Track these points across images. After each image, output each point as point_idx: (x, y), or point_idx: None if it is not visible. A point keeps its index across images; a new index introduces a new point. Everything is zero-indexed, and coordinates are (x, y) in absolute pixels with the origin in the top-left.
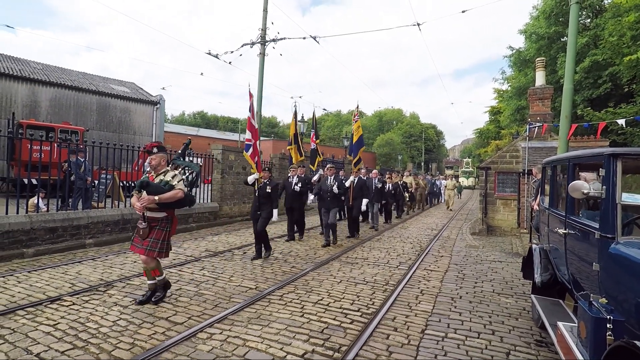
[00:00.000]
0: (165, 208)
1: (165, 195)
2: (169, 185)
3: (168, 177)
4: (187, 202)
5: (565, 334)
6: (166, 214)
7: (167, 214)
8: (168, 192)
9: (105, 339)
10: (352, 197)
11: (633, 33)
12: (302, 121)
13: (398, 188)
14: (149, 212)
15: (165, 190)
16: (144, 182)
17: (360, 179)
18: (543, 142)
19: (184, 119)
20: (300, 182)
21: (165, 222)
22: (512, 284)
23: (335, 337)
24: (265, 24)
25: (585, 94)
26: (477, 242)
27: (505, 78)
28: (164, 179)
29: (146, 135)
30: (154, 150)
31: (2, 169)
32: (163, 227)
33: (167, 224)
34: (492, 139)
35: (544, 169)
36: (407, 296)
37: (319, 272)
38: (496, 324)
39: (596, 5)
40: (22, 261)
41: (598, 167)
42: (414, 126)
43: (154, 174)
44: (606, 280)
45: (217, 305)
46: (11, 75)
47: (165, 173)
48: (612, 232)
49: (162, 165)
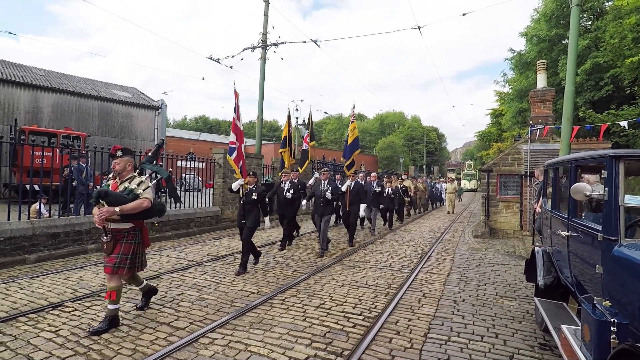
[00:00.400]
0: (131, 219)
1: (128, 206)
2: (132, 194)
3: (133, 184)
4: (155, 212)
5: (569, 337)
6: (133, 224)
7: (133, 225)
8: (131, 202)
9: (107, 345)
10: (348, 202)
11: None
12: (304, 125)
13: (398, 192)
14: (113, 224)
15: (129, 200)
16: (101, 192)
17: (357, 183)
18: (545, 144)
19: (185, 124)
20: (292, 188)
21: (133, 234)
22: (515, 286)
23: (337, 341)
24: (266, 28)
25: (587, 96)
26: (479, 244)
27: (507, 80)
28: (128, 187)
29: (148, 140)
30: (118, 153)
31: (4, 175)
32: (131, 240)
33: (134, 236)
34: (494, 141)
35: (546, 171)
36: (409, 299)
37: (320, 276)
38: (499, 327)
39: (597, 7)
40: (24, 267)
41: (600, 169)
42: (416, 129)
43: (118, 181)
44: (610, 282)
45: (219, 309)
46: (14, 82)
47: (131, 180)
48: (615, 234)
49: (127, 170)
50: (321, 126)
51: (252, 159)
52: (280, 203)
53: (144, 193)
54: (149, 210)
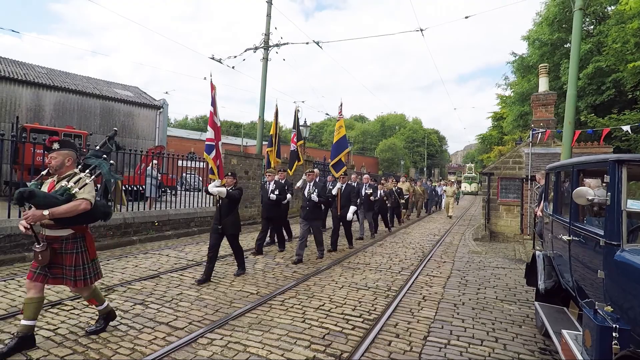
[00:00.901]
0: (69, 224)
1: (59, 209)
2: (67, 194)
3: (71, 182)
4: (98, 215)
5: (569, 342)
6: (72, 230)
7: (73, 231)
8: (65, 204)
9: (105, 344)
10: (339, 206)
11: (637, 40)
12: (305, 126)
13: (392, 195)
14: (48, 230)
15: (62, 202)
16: (24, 193)
17: (348, 185)
18: (546, 148)
19: (187, 123)
20: (277, 189)
21: (73, 242)
22: (515, 290)
23: (336, 343)
24: (269, 29)
25: (588, 100)
26: (479, 248)
27: (509, 84)
28: (64, 186)
29: (149, 140)
30: (55, 146)
31: (5, 173)
32: (73, 250)
33: (75, 244)
34: (495, 144)
35: (548, 174)
36: (409, 302)
37: (320, 277)
38: (499, 331)
39: (599, 12)
40: (24, 265)
41: (602, 174)
42: (417, 131)
43: (55, 178)
44: (611, 288)
45: (218, 310)
46: (16, 80)
47: (71, 177)
48: (618, 239)
49: (67, 166)
50: (322, 127)
51: (253, 159)
52: (264, 205)
53: (81, 193)
54: (90, 214)
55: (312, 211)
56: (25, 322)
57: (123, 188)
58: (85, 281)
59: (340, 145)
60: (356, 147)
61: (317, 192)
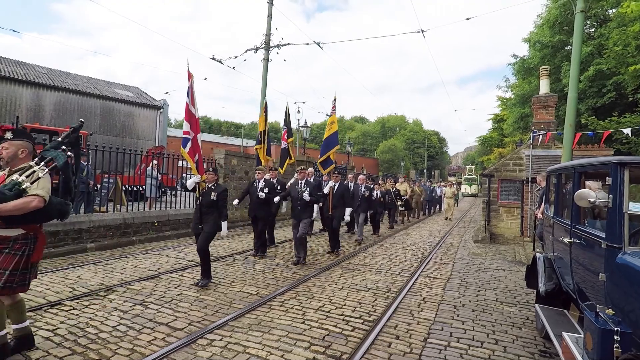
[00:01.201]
0: (20, 223)
1: (7, 206)
2: (17, 189)
3: (23, 176)
4: (53, 213)
5: (570, 345)
6: (23, 230)
7: (24, 231)
8: (13, 201)
9: (104, 344)
10: (331, 206)
11: (638, 43)
12: (305, 127)
13: (389, 195)
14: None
15: (10, 198)
16: None
17: (342, 185)
18: (547, 150)
19: None
20: (267, 187)
21: (22, 243)
22: (515, 292)
23: (336, 344)
24: (270, 30)
25: (589, 102)
26: (480, 249)
27: (509, 86)
28: (15, 180)
29: (149, 140)
30: (7, 135)
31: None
32: (16, 251)
33: (24, 245)
34: (495, 146)
35: (549, 177)
36: (409, 304)
37: (320, 278)
38: (499, 333)
39: (601, 14)
40: None
41: (604, 176)
42: (417, 132)
43: (6, 172)
44: (613, 290)
45: (217, 311)
46: (16, 80)
47: (25, 170)
48: (619, 241)
49: (21, 158)
50: (323, 128)
51: (254, 160)
52: (252, 204)
53: (33, 188)
54: (43, 212)
55: (303, 210)
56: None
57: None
58: (10, 289)
59: (331, 142)
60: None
61: (309, 190)
